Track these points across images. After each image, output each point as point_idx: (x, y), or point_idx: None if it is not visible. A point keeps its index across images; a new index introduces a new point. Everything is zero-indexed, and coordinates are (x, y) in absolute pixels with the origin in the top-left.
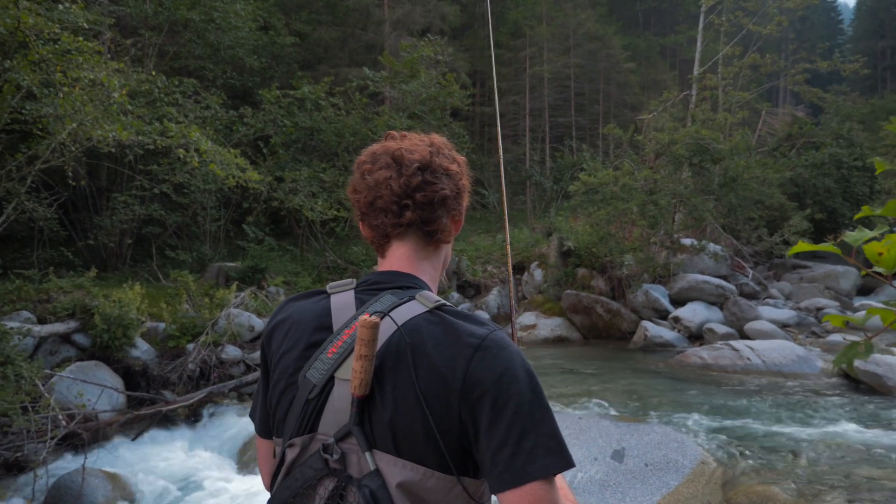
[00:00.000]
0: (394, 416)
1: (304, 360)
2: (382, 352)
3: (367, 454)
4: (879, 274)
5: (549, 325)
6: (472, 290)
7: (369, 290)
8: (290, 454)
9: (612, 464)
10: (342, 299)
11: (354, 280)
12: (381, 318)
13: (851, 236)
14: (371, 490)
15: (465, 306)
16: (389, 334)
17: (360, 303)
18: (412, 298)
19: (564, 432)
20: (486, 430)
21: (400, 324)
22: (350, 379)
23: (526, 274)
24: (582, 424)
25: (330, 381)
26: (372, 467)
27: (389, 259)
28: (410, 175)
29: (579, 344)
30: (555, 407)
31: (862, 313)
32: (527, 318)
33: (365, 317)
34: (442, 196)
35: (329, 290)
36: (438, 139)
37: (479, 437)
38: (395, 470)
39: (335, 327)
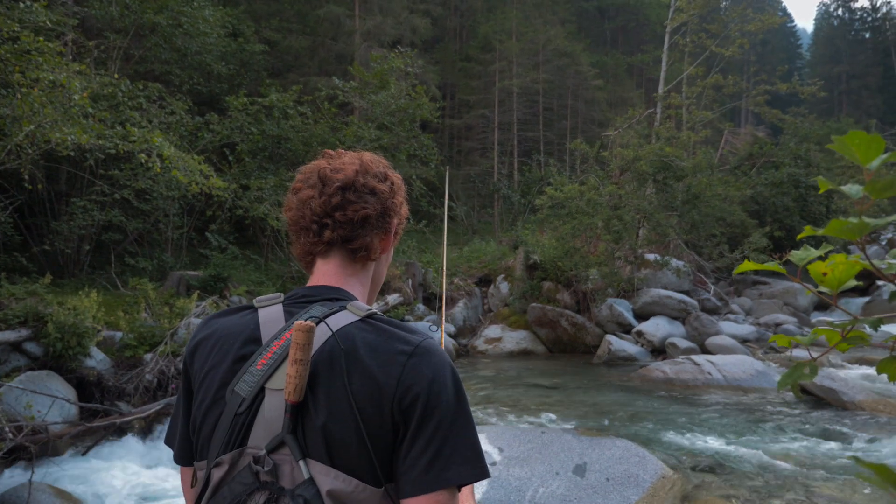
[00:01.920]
0: (326, 422)
1: (231, 374)
2: (316, 357)
3: (301, 463)
4: (825, 293)
5: (514, 338)
6: (438, 302)
7: (298, 303)
8: (217, 473)
9: (573, 478)
10: (270, 312)
11: (282, 294)
12: (317, 324)
13: (796, 255)
14: (305, 499)
15: (431, 318)
16: (323, 340)
17: (289, 315)
18: (343, 308)
19: (527, 446)
20: (412, 434)
21: (334, 330)
22: (282, 388)
23: (492, 287)
24: (544, 438)
25: (260, 392)
26: (306, 476)
27: (316, 275)
28: (331, 195)
29: (544, 357)
30: (518, 420)
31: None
32: (492, 330)
33: (300, 322)
34: (363, 215)
35: (256, 304)
36: (370, 158)
37: (403, 440)
38: (328, 480)
39: (264, 339)
